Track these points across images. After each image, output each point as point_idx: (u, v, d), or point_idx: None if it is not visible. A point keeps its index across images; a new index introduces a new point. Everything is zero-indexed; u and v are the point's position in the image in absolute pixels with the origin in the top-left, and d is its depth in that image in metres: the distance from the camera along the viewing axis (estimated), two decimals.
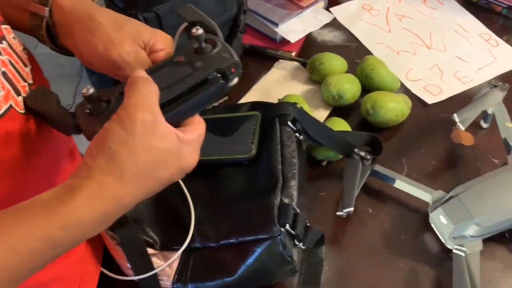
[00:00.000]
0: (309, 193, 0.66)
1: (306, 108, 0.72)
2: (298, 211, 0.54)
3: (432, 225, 0.61)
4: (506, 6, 0.91)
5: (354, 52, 0.87)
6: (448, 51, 0.86)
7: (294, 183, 0.56)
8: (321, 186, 0.68)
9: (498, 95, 0.67)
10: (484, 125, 0.74)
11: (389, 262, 0.60)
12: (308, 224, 0.55)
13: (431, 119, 0.76)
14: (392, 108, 0.71)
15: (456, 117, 0.64)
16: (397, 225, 0.64)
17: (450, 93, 0.79)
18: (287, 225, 0.52)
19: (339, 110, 0.77)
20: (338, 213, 0.58)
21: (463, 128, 0.64)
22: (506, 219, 0.56)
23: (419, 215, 0.64)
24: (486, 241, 0.61)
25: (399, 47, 0.87)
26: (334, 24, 0.93)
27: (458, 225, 0.56)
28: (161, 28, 0.67)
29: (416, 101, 0.79)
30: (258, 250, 0.52)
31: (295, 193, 0.56)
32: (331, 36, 0.90)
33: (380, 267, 0.60)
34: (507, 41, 0.88)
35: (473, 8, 0.95)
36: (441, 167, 0.70)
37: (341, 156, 0.69)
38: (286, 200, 0.54)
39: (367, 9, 0.95)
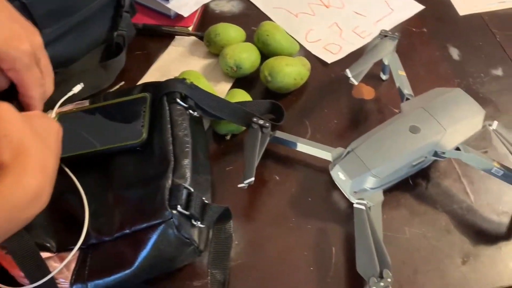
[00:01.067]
0: (215, 169, 0.65)
1: (204, 83, 0.69)
2: (192, 190, 0.52)
3: (336, 182, 0.61)
4: None
5: (255, 20, 0.84)
6: (346, 7, 0.85)
7: (187, 162, 0.54)
8: (228, 161, 0.66)
9: (389, 45, 0.67)
10: (384, 77, 0.75)
11: (298, 226, 0.60)
12: (206, 201, 0.53)
13: (332, 78, 0.76)
14: (289, 72, 0.69)
15: (348, 72, 0.64)
16: (304, 188, 0.63)
17: (349, 50, 0.79)
18: (179, 206, 0.50)
19: (241, 81, 0.75)
20: (239, 186, 0.57)
21: (356, 83, 0.64)
22: (400, 167, 0.57)
23: (325, 175, 0.64)
24: (391, 190, 0.62)
25: (297, 10, 0.85)
26: None
27: (356, 179, 0.56)
28: (32, 19, 0.62)
29: (317, 62, 0.78)
30: (153, 237, 0.50)
31: (188, 172, 0.54)
32: (229, 6, 0.87)
33: (289, 233, 0.59)
34: None
35: None
36: (344, 125, 0.70)
37: (245, 128, 0.68)
38: (179, 181, 0.52)
39: None
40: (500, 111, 0.70)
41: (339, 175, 0.58)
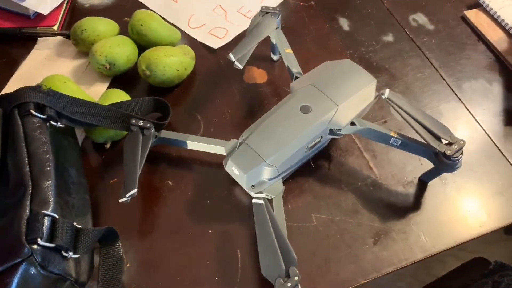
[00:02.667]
0: (97, 184, 0.57)
1: (71, 87, 0.60)
2: (57, 216, 0.44)
3: (234, 178, 0.55)
4: None
5: (130, 11, 0.75)
6: None
7: (48, 184, 0.46)
8: (111, 173, 0.58)
9: (272, 22, 0.62)
10: (275, 57, 0.70)
11: (198, 233, 0.54)
12: (78, 226, 0.45)
13: (221, 65, 0.70)
14: (170, 63, 0.62)
15: (231, 56, 0.58)
16: (201, 191, 0.57)
17: (236, 32, 0.73)
18: (39, 239, 0.41)
19: (118, 80, 0.66)
20: (121, 200, 0.49)
21: (240, 67, 0.58)
22: (296, 152, 0.52)
23: (223, 172, 0.58)
24: (293, 176, 0.57)
25: None
26: None
27: (251, 172, 0.51)
28: None
29: (204, 49, 0.72)
30: (14, 281, 0.41)
31: (51, 195, 0.45)
32: None
33: (189, 243, 0.53)
34: None
35: None
36: (239, 114, 0.64)
37: (126, 132, 0.60)
38: (38, 209, 0.44)
39: None
40: (395, 78, 0.68)
41: (233, 171, 0.52)
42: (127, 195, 0.49)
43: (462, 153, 0.51)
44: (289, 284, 0.44)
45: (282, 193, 0.52)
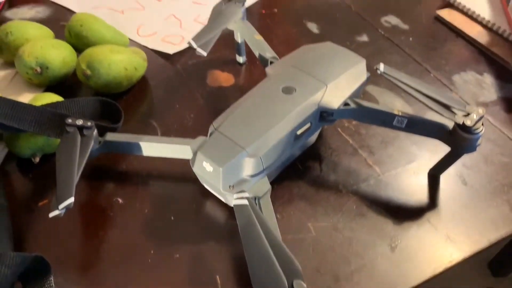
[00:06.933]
0: (22, 207, 0.43)
1: None
2: None
3: (204, 184, 0.43)
4: None
5: (67, 22, 0.66)
6: None
7: None
8: (40, 193, 0.44)
9: (236, 9, 0.54)
10: (241, 60, 0.61)
11: (161, 259, 0.40)
12: None
13: (179, 70, 0.59)
14: (116, 60, 0.51)
15: (192, 42, 0.48)
16: (162, 207, 0.44)
17: None
18: None
19: (53, 89, 0.54)
20: (51, 214, 0.36)
21: (204, 54, 0.48)
22: (282, 140, 0.41)
23: (190, 182, 0.46)
24: (279, 180, 0.46)
25: (122, 6, 0.69)
26: None
27: (228, 165, 0.39)
28: None
29: (157, 55, 0.61)
30: None
31: None
32: (33, 13, 0.67)
33: (149, 273, 0.39)
34: None
35: None
36: (204, 117, 0.53)
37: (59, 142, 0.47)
38: None
39: None
40: (376, 75, 0.60)
41: (205, 168, 0.40)
42: (60, 207, 0.36)
43: (483, 125, 0.42)
44: None
45: (269, 193, 0.40)
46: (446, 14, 0.70)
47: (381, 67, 0.45)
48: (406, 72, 0.61)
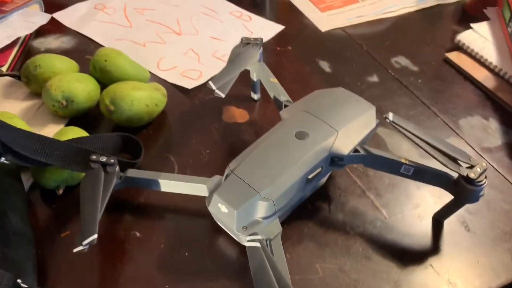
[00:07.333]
0: (45, 238, 0.45)
1: (20, 124, 0.50)
2: None
3: (218, 222, 0.45)
4: None
5: (89, 54, 0.69)
6: (200, 34, 0.75)
7: None
8: (63, 224, 0.47)
9: (254, 52, 0.57)
10: (255, 97, 0.64)
11: None
12: (24, 286, 0.34)
13: (196, 105, 0.62)
14: (138, 97, 0.54)
15: (211, 84, 0.51)
16: (177, 242, 0.46)
17: (211, 74, 0.66)
18: None
19: (77, 121, 0.57)
20: (75, 250, 0.38)
21: (223, 95, 0.51)
22: (294, 184, 0.43)
23: (205, 219, 0.48)
24: (289, 220, 0.48)
25: (144, 39, 0.72)
26: (63, 29, 0.75)
27: (243, 208, 0.41)
28: None
29: (176, 90, 0.64)
30: None
31: None
32: (58, 43, 0.71)
33: None
34: (261, 15, 0.82)
35: None
36: (220, 153, 0.56)
37: (83, 175, 0.50)
38: None
39: (100, 9, 0.79)
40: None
41: (220, 208, 0.42)
42: (84, 243, 0.38)
43: (486, 177, 0.44)
44: None
45: (280, 235, 0.43)
46: (455, 57, 0.73)
47: (390, 116, 0.47)
48: (414, 114, 0.63)
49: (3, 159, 0.43)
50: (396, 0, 0.86)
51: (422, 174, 0.46)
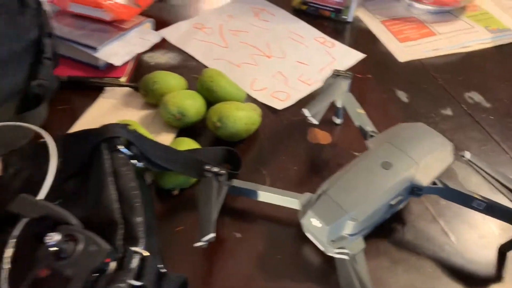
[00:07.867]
0: (161, 231, 0.54)
1: (144, 133, 0.60)
2: (144, 254, 0.41)
3: (308, 234, 0.52)
4: (333, 10, 0.93)
5: (193, 71, 0.79)
6: (288, 57, 0.83)
7: (139, 220, 0.44)
8: (176, 220, 0.56)
9: (343, 84, 0.64)
10: (338, 121, 0.71)
11: None
12: (162, 270, 0.43)
13: (284, 124, 0.70)
14: (240, 116, 0.63)
15: (306, 111, 0.59)
16: (271, 246, 0.54)
17: (298, 97, 0.75)
18: (128, 279, 0.38)
19: (185, 131, 0.66)
20: (196, 245, 0.47)
21: (316, 122, 0.59)
22: (378, 208, 0.50)
23: (293, 227, 0.55)
24: (368, 237, 0.54)
25: (239, 60, 0.81)
26: (168, 45, 0.85)
27: (334, 225, 0.48)
28: None
29: (266, 110, 0.73)
30: None
31: (141, 232, 0.43)
32: (166, 58, 0.81)
33: None
34: (342, 41, 0.89)
35: (303, 15, 0.95)
36: (304, 170, 0.63)
37: (195, 180, 0.59)
38: (128, 246, 0.41)
39: (199, 28, 0.88)
40: (460, 149, 0.68)
41: (312, 223, 0.50)
42: (203, 239, 0.47)
43: None
44: None
45: (363, 250, 0.50)
46: None
47: (467, 155, 0.53)
48: (485, 150, 0.68)
49: (139, 163, 0.52)
50: (472, 35, 0.90)
51: (493, 210, 0.51)
